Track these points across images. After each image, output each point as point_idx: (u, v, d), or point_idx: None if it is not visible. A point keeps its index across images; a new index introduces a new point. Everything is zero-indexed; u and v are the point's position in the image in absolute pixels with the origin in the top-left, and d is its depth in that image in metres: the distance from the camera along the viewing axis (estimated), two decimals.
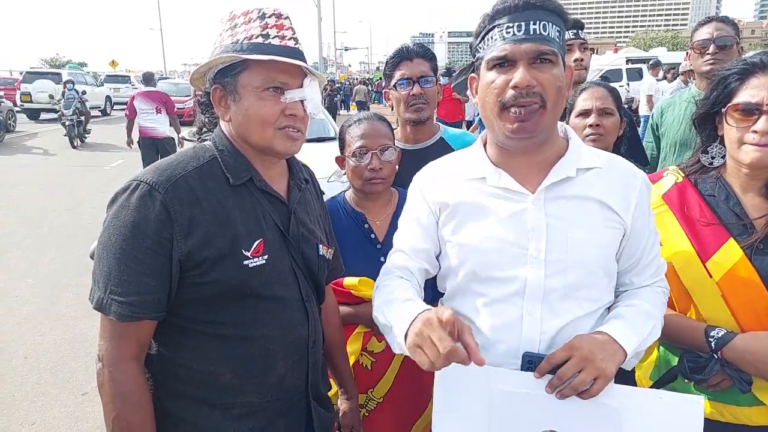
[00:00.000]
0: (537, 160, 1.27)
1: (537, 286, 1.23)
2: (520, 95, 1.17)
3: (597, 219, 1.25)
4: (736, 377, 1.36)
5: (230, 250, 1.24)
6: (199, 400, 1.29)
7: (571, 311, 1.24)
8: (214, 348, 1.27)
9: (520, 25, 1.18)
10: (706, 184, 1.51)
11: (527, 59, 1.17)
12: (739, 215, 1.44)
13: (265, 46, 1.26)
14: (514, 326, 1.24)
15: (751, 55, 1.43)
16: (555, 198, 1.25)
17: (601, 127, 2.11)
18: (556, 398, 1.17)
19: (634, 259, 1.32)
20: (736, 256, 1.40)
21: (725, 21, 2.71)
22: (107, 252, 1.19)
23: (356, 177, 1.88)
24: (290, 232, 1.37)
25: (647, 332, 1.24)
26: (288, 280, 1.35)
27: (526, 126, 1.19)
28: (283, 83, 1.27)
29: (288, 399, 1.38)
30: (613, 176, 1.28)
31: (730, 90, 1.42)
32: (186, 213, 1.20)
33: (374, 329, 1.79)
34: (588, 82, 2.31)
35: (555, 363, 1.16)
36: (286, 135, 1.29)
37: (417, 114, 2.17)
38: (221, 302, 1.26)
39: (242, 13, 1.30)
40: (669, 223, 1.51)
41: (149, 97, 8.32)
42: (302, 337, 1.38)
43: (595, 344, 1.16)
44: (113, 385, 1.20)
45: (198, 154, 1.31)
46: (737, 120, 1.39)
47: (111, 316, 1.18)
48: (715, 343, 1.38)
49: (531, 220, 1.24)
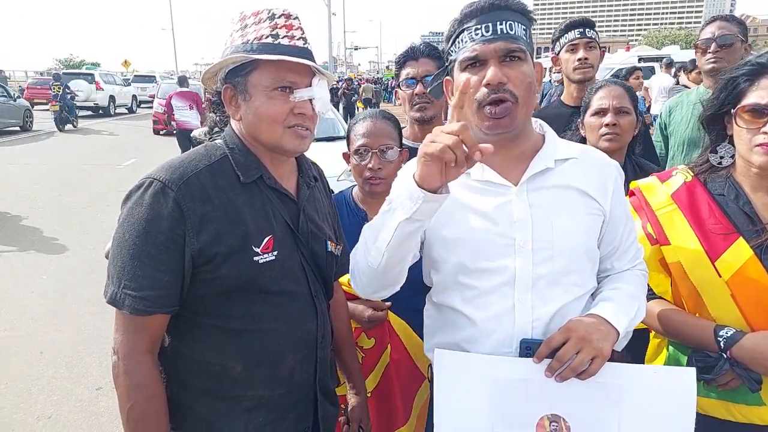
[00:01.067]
0: (515, 153, 1.33)
1: (526, 274, 1.26)
2: (493, 91, 1.23)
3: (578, 206, 1.30)
4: (746, 377, 1.36)
5: (241, 246, 1.27)
6: (210, 393, 1.32)
7: (559, 297, 1.27)
8: (224, 341, 1.30)
9: (487, 26, 1.24)
10: (715, 184, 1.51)
11: (497, 57, 1.23)
12: (749, 214, 1.43)
13: (274, 46, 1.28)
14: (506, 315, 1.27)
15: (759, 56, 1.43)
16: (537, 189, 1.30)
17: (618, 126, 2.08)
18: (556, 382, 1.20)
19: (614, 244, 1.37)
20: (746, 256, 1.39)
21: (729, 20, 2.71)
22: (121, 248, 1.22)
23: (357, 175, 1.90)
24: (299, 229, 1.40)
25: (634, 312, 1.29)
26: (297, 275, 1.38)
27: (502, 122, 1.24)
28: (292, 82, 1.29)
29: (297, 392, 1.41)
30: (589, 165, 1.34)
31: (740, 91, 1.42)
32: (198, 210, 1.23)
33: (364, 326, 1.82)
34: (603, 80, 2.27)
35: (553, 346, 1.20)
36: (295, 133, 1.32)
37: (421, 113, 2.19)
38: (232, 297, 1.29)
39: (252, 13, 1.33)
40: (678, 223, 1.51)
41: (183, 96, 10.08)
42: (311, 332, 1.41)
43: (590, 325, 1.21)
44: (128, 377, 1.23)
45: (209, 153, 1.33)
46: (747, 121, 1.39)
47: (125, 310, 1.22)
48: (724, 342, 1.38)
49: (516, 211, 1.28)
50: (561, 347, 1.19)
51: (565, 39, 2.74)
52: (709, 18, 2.80)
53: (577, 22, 2.75)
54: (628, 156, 2.20)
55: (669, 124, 2.98)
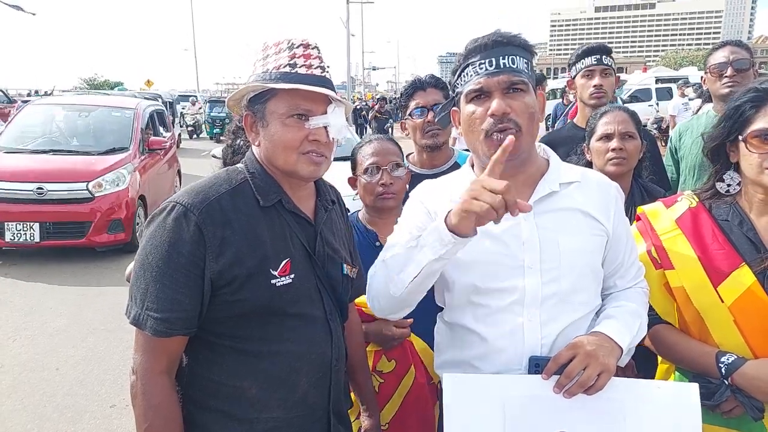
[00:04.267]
0: (521, 178, 1.38)
1: (535, 293, 1.32)
2: (499, 121, 1.30)
3: (583, 228, 1.36)
4: (748, 404, 1.36)
5: (259, 269, 1.29)
6: (226, 414, 1.33)
7: (567, 315, 1.33)
8: (241, 363, 1.32)
9: (491, 61, 1.32)
10: (720, 210, 1.53)
11: (501, 89, 1.31)
12: (753, 240, 1.44)
13: (291, 75, 1.32)
14: (516, 333, 1.32)
15: (762, 83, 1.47)
16: (543, 212, 1.35)
17: (624, 151, 2.11)
18: (564, 398, 1.24)
19: (617, 263, 1.43)
20: (749, 281, 1.40)
21: (740, 45, 2.73)
22: (144, 270, 1.25)
23: (368, 193, 1.95)
24: (316, 252, 1.42)
25: (636, 329, 1.35)
26: (313, 298, 1.39)
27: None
28: (307, 110, 1.32)
29: (311, 415, 1.41)
30: (591, 188, 1.41)
31: (746, 118, 1.45)
32: (218, 234, 1.26)
33: (384, 348, 1.81)
34: (608, 106, 2.31)
35: (561, 362, 1.24)
36: (310, 160, 1.34)
37: (433, 140, 2.29)
38: (249, 319, 1.31)
39: (274, 44, 1.37)
40: (682, 247, 1.53)
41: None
42: (326, 354, 1.41)
43: (596, 342, 1.26)
44: (145, 397, 1.25)
45: (231, 177, 1.37)
46: (757, 147, 1.41)
47: (147, 332, 1.24)
48: (726, 368, 1.39)
49: (524, 233, 1.33)
50: (568, 363, 1.23)
51: (582, 64, 2.78)
52: (719, 42, 2.80)
53: (594, 48, 2.77)
54: (634, 179, 2.23)
55: (680, 148, 2.98)
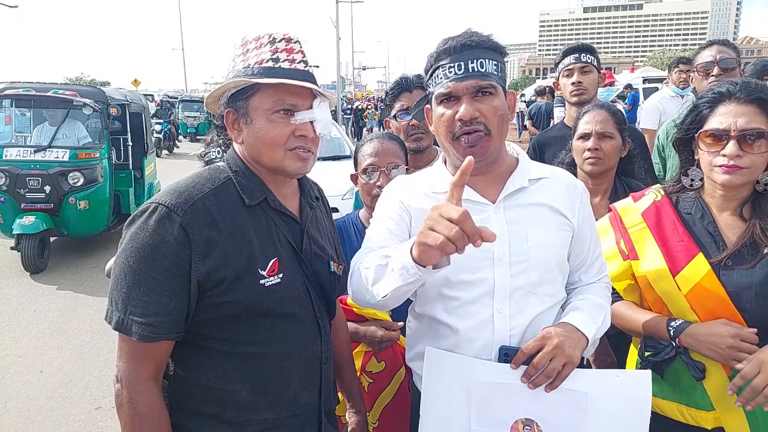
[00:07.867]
0: (491, 176, 1.43)
1: (504, 285, 1.36)
2: (466, 125, 1.32)
3: (550, 222, 1.41)
4: (691, 364, 1.51)
5: (247, 269, 1.26)
6: (216, 418, 1.30)
7: (534, 307, 1.37)
8: (230, 366, 1.29)
9: (460, 65, 1.33)
10: (685, 203, 1.62)
11: (469, 94, 1.33)
12: (712, 234, 1.53)
13: (275, 70, 1.29)
14: (486, 324, 1.36)
15: (719, 85, 1.53)
16: (513, 206, 1.40)
17: (600, 151, 2.15)
18: (530, 389, 1.29)
19: (581, 258, 1.48)
20: (703, 271, 1.49)
21: (727, 44, 2.80)
22: (125, 273, 1.21)
23: (366, 193, 1.94)
24: (303, 250, 1.39)
25: (601, 321, 1.41)
26: (302, 297, 1.37)
27: (475, 151, 1.33)
28: (292, 105, 1.30)
29: (302, 415, 1.39)
30: (558, 185, 1.46)
31: (702, 117, 1.53)
32: (204, 234, 1.23)
33: (374, 350, 1.80)
34: (591, 105, 2.33)
35: (529, 353, 1.29)
36: (297, 156, 1.32)
37: (416, 143, 2.27)
38: (238, 321, 1.28)
39: (254, 38, 1.34)
40: (646, 239, 1.62)
41: None
42: (315, 353, 1.40)
43: (563, 333, 1.31)
44: (132, 406, 1.21)
45: (213, 176, 1.33)
46: (708, 145, 1.50)
47: (133, 337, 1.20)
48: (674, 330, 1.53)
49: (494, 227, 1.32)
50: (536, 354, 1.28)
51: (563, 65, 2.85)
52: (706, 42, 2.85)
53: (573, 47, 2.83)
54: (618, 177, 2.26)
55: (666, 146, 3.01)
